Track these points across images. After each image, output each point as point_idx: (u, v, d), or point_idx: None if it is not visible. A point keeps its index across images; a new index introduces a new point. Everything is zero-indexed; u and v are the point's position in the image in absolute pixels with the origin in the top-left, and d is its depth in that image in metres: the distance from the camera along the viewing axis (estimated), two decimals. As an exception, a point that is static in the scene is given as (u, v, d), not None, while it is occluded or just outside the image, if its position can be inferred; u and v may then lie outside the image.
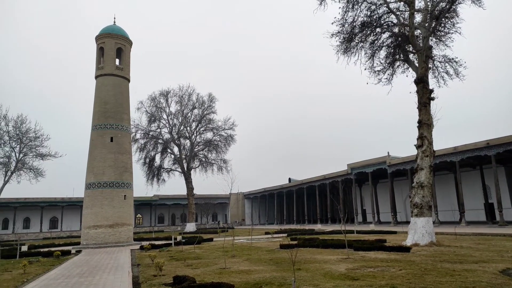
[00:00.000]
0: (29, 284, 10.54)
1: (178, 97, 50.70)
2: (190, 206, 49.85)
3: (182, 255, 17.07)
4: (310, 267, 11.36)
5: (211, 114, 51.89)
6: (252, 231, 29.33)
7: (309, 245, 18.17)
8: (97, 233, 26.24)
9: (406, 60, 20.65)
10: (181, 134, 50.74)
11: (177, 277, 9.46)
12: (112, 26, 30.69)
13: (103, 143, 27.82)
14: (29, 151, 40.82)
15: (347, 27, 20.41)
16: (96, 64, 30.03)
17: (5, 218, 52.42)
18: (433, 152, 18.48)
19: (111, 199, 26.95)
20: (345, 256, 13.61)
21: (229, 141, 52.18)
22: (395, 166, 38.45)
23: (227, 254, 15.70)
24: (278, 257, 14.28)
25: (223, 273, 11.04)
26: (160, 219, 65.45)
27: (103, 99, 28.79)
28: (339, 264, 11.71)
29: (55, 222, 57.08)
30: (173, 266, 13.21)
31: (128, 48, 30.83)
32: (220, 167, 51.46)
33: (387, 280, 8.78)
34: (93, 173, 27.32)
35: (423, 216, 17.16)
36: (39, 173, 41.75)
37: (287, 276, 9.67)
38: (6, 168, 39.57)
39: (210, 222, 65.17)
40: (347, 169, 45.19)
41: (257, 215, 68.89)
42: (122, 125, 28.87)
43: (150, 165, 50.29)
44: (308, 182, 53.11)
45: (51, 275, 12.38)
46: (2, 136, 39.23)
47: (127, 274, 11.68)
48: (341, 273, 9.98)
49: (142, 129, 49.69)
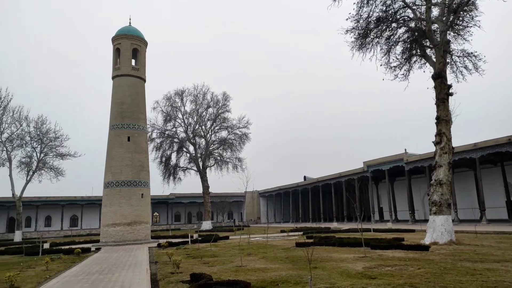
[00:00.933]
0: (51, 281, 10.84)
1: (193, 96, 51.21)
2: (206, 205, 50.25)
3: (198, 253, 17.24)
4: (327, 265, 11.30)
5: (226, 113, 52.22)
6: (267, 229, 29.39)
7: (325, 244, 18.07)
8: (116, 231, 26.75)
9: (423, 55, 20.24)
10: (196, 133, 51.18)
11: (194, 275, 9.57)
12: (128, 27, 31.14)
13: (121, 143, 28.31)
14: (50, 151, 41.82)
15: (362, 22, 20.14)
16: (113, 65, 30.54)
17: (27, 216, 54.01)
18: (452, 149, 18.09)
19: (129, 198, 27.42)
20: (362, 254, 13.49)
21: (244, 139, 52.42)
22: (412, 163, 37.80)
23: (243, 252, 15.77)
24: (294, 255, 14.26)
25: (239, 271, 11.10)
26: (176, 217, 66.24)
27: (120, 99, 29.28)
28: (356, 263, 11.61)
29: (75, 220, 58.51)
30: (190, 263, 13.36)
31: (143, 48, 31.24)
32: (235, 165, 51.78)
33: (406, 279, 8.66)
34: (111, 172, 27.85)
35: (442, 214, 16.83)
36: (59, 173, 42.76)
37: (303, 275, 9.65)
38: (28, 168, 40.68)
39: (225, 220, 65.54)
40: (363, 167, 44.69)
41: (273, 213, 68.88)
42: (138, 125, 29.30)
43: (166, 164, 50.96)
44: (323, 180, 52.75)
45: (72, 272, 12.71)
46: (24, 136, 40.34)
47: (145, 271, 11.89)
48: (358, 272, 9.90)
49: (158, 128, 50.41)
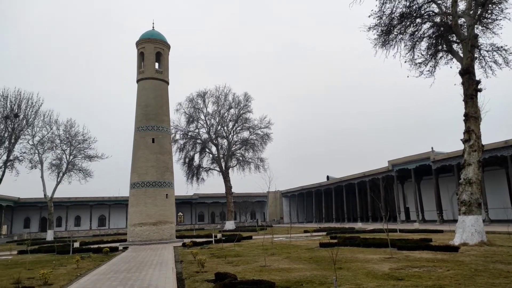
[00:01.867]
0: (82, 278, 11.22)
1: (214, 97, 51.70)
2: (229, 205, 50.61)
3: (222, 252, 17.40)
4: (352, 266, 11.17)
5: (247, 113, 52.42)
6: (290, 229, 29.28)
7: (350, 244, 17.84)
8: (142, 230, 27.37)
9: (450, 51, 19.63)
10: (218, 133, 51.64)
11: (218, 274, 9.68)
12: (151, 31, 31.81)
13: (146, 144, 28.96)
14: (78, 153, 43.33)
15: (385, 19, 19.74)
16: (137, 69, 31.27)
17: (58, 216, 56.10)
18: (481, 147, 17.45)
19: (154, 198, 28.00)
20: (388, 255, 13.23)
21: (266, 139, 52.48)
22: (440, 162, 36.71)
23: (267, 252, 15.80)
24: (318, 256, 14.16)
25: (263, 270, 11.14)
26: (200, 217, 67.07)
27: (144, 102, 29.95)
28: (382, 264, 11.41)
29: (103, 220, 60.31)
30: (214, 263, 13.51)
31: (166, 51, 31.82)
32: (257, 165, 51.90)
33: (434, 280, 8.45)
34: (137, 173, 28.53)
35: (472, 214, 16.27)
36: (88, 174, 44.24)
37: (328, 275, 9.58)
38: (58, 170, 42.30)
39: (248, 220, 65.79)
40: (387, 166, 43.79)
41: (295, 213, 68.60)
42: (162, 127, 29.88)
43: (190, 165, 51.70)
44: (347, 180, 52.05)
45: (101, 270, 13.11)
46: (54, 139, 41.98)
47: (171, 270, 12.12)
48: (385, 273, 9.73)
49: (181, 129, 51.22)
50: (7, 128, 38.66)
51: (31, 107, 39.89)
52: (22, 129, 39.53)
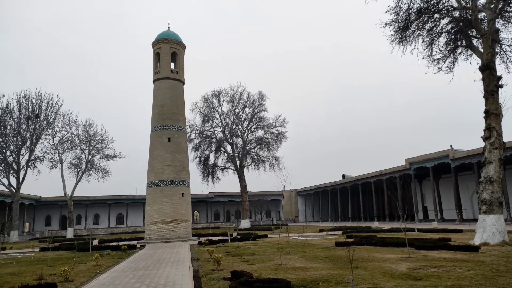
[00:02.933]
0: (101, 275, 11.46)
1: (229, 96, 51.88)
2: (244, 203, 50.77)
3: (238, 250, 17.48)
4: (368, 265, 11.06)
5: (262, 112, 52.41)
6: (306, 228, 29.18)
7: (366, 243, 17.64)
8: (159, 228, 27.76)
9: (469, 46, 19.14)
10: (233, 132, 51.83)
11: (235, 272, 9.73)
12: (167, 32, 32.15)
13: (162, 144, 29.32)
14: (97, 153, 44.24)
15: (402, 15, 19.39)
16: (153, 69, 31.67)
17: (78, 214, 57.43)
18: (502, 144, 16.98)
19: (171, 197, 28.34)
20: (406, 255, 13.03)
21: (280, 138, 52.41)
22: (459, 160, 35.88)
23: (282, 250, 15.78)
24: (334, 255, 14.07)
25: (279, 269, 11.14)
26: (215, 216, 67.53)
27: (160, 101, 30.32)
28: (399, 263, 11.25)
29: (121, 218, 61.42)
30: (230, 261, 13.58)
31: (181, 51, 32.11)
32: (272, 164, 51.89)
33: (454, 281, 8.28)
34: (154, 172, 28.93)
35: (493, 213, 15.86)
36: (106, 173, 45.13)
37: (345, 274, 9.51)
38: (77, 169, 43.30)
39: (263, 219, 65.85)
40: (405, 164, 43.08)
41: (311, 212, 68.25)
42: (178, 126, 30.19)
43: (205, 164, 52.10)
44: (363, 178, 51.47)
45: (120, 267, 13.35)
46: (73, 139, 42.99)
47: (187, 268, 12.25)
48: (402, 273, 9.59)
49: (197, 129, 51.63)
50: (28, 128, 39.81)
51: (51, 108, 41.00)
52: (42, 130, 40.64)
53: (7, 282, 10.59)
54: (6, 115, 38.77)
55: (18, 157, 39.31)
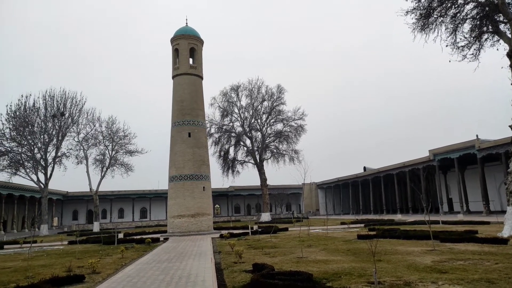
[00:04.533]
0: (127, 268, 11.79)
1: (248, 90, 51.85)
2: (264, 197, 50.91)
3: (259, 243, 17.58)
4: (392, 258, 10.91)
5: (281, 105, 52.15)
6: (327, 221, 29.02)
7: (389, 236, 17.39)
8: (181, 222, 28.24)
9: (496, 32, 18.35)
10: (252, 126, 51.88)
11: (256, 265, 9.80)
12: (185, 28, 32.34)
13: (182, 139, 29.69)
14: (120, 149, 45.28)
15: (424, 2, 18.77)
16: (172, 65, 31.97)
17: (103, 209, 59.14)
18: (533, 133, 16.30)
19: (192, 191, 28.74)
20: (430, 247, 12.78)
21: (300, 131, 52.07)
22: (486, 150, 34.70)
23: (303, 243, 15.77)
24: (356, 248, 13.95)
25: (300, 262, 11.15)
26: (236, 209, 68.09)
27: (180, 97, 30.64)
28: (423, 256, 11.05)
29: (144, 212, 62.86)
30: (251, 254, 13.69)
31: (200, 47, 32.25)
32: (291, 157, 51.70)
33: (481, 274, 8.06)
34: (175, 167, 29.37)
35: (523, 205, 15.29)
36: (129, 168, 46.20)
37: (367, 267, 9.42)
38: (102, 165, 44.49)
39: (284, 212, 65.90)
40: (428, 156, 42.05)
41: (331, 205, 67.77)
42: (198, 121, 30.47)
43: (225, 158, 52.46)
44: (385, 171, 50.62)
45: (144, 260, 13.69)
46: (97, 136, 44.14)
47: (209, 260, 12.43)
48: (427, 266, 9.41)
49: (216, 123, 51.95)
50: (54, 126, 41.11)
51: (75, 106, 42.18)
52: (68, 127, 41.90)
53: (39, 273, 11.05)
54: (33, 114, 40.15)
55: (46, 154, 40.72)
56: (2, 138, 38.62)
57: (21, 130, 38.97)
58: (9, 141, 39.08)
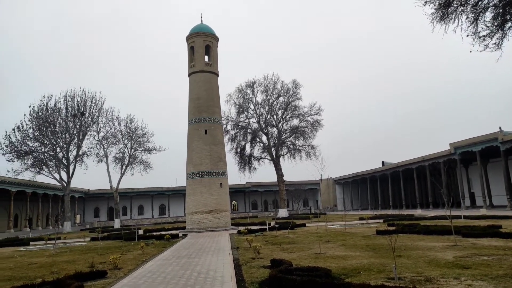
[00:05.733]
0: (147, 263, 12.01)
1: (263, 86, 51.76)
2: (281, 193, 50.88)
3: (277, 239, 17.59)
4: (412, 254, 10.74)
5: (296, 101, 51.86)
6: (345, 216, 28.77)
7: (409, 231, 17.12)
8: (199, 218, 28.55)
9: (520, 19, 17.68)
10: (268, 122, 51.82)
11: (274, 260, 9.82)
12: (200, 25, 32.49)
13: (199, 136, 29.93)
14: (138, 147, 46.09)
15: (442, -9, 18.25)
16: (188, 63, 32.20)
17: (124, 206, 60.41)
18: (560, 124, 15.67)
19: (209, 187, 28.99)
20: (452, 243, 12.51)
21: (316, 126, 51.67)
22: (509, 142, 33.64)
23: (321, 239, 15.70)
24: (375, 243, 13.79)
25: (319, 257, 11.10)
26: (253, 205, 68.33)
27: (196, 94, 30.87)
28: (445, 252, 10.83)
29: (163, 209, 63.85)
30: (269, 250, 13.72)
31: (215, 44, 32.35)
32: (308, 153, 51.41)
33: (506, 270, 7.84)
34: (192, 164, 29.67)
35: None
36: (148, 166, 46.99)
37: (387, 263, 9.30)
38: (121, 163, 45.39)
39: (301, 208, 65.73)
40: (449, 149, 41.09)
41: (349, 200, 67.16)
42: (214, 118, 30.65)
43: (241, 154, 52.65)
44: (404, 165, 49.77)
45: (164, 255, 13.91)
46: (116, 134, 45.02)
47: (228, 256, 12.53)
48: (448, 261, 9.22)
49: (232, 120, 52.13)
50: (75, 125, 42.12)
51: (95, 105, 43.07)
52: (88, 126, 42.85)
53: (63, 269, 11.39)
54: (55, 114, 41.23)
55: (67, 152, 41.81)
56: (26, 138, 39.86)
57: (43, 130, 40.09)
58: (33, 141, 40.30)
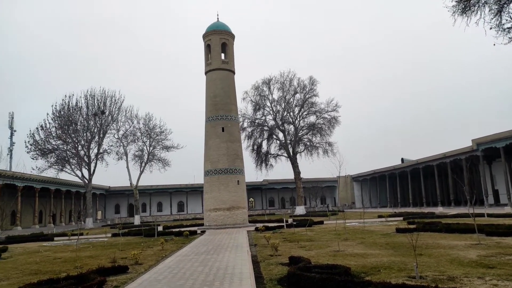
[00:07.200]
0: (167, 259, 12.21)
1: (279, 83, 51.54)
2: (298, 190, 50.69)
3: (294, 237, 17.57)
4: (433, 252, 10.54)
5: (313, 97, 51.42)
6: (363, 214, 28.46)
7: (430, 230, 16.80)
8: (217, 215, 28.78)
9: (547, 10, 16.99)
10: (284, 119, 51.64)
11: (292, 258, 9.82)
12: (216, 23, 32.60)
13: (216, 133, 30.13)
14: (157, 144, 46.79)
15: (464, -18, 17.72)
16: (205, 61, 32.38)
17: (143, 202, 61.50)
18: None
19: (227, 185, 29.17)
20: (475, 241, 12.20)
21: (333, 123, 51.14)
22: (536, 138, 32.49)
23: (340, 237, 15.58)
24: (395, 241, 13.60)
25: (337, 255, 11.03)
26: (270, 203, 68.37)
27: (213, 92, 31.05)
28: (468, 250, 10.58)
29: (181, 206, 64.68)
30: (287, 247, 13.72)
31: (231, 42, 32.42)
32: (325, 150, 50.95)
33: (533, 270, 7.60)
34: (210, 161, 29.91)
35: None
36: (166, 163, 47.68)
37: (407, 261, 9.17)
38: (140, 160, 46.20)
39: (318, 206, 65.34)
40: (471, 145, 39.99)
41: (368, 198, 66.32)
42: (231, 116, 30.77)
43: (258, 152, 52.68)
44: (424, 162, 48.74)
45: (183, 252, 14.11)
46: (135, 132, 45.82)
47: (246, 253, 12.59)
48: (472, 260, 9.01)
49: (248, 117, 52.15)
50: (96, 124, 43.10)
51: (114, 104, 43.94)
52: (108, 125, 43.77)
53: (86, 264, 11.72)
54: (76, 113, 42.29)
55: (89, 151, 42.86)
56: (49, 137, 41.06)
57: (65, 129, 41.20)
58: (55, 139, 41.48)
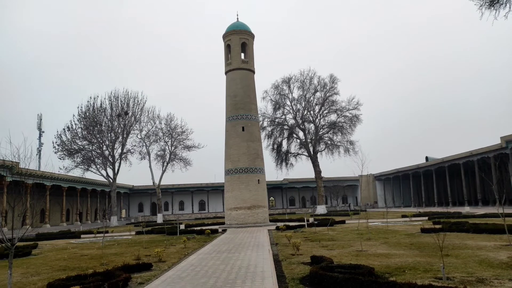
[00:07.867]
0: (190, 257, 12.38)
1: (299, 82, 51.23)
2: (319, 189, 50.27)
3: (316, 236, 17.44)
4: (461, 253, 10.23)
5: (334, 96, 50.83)
6: (387, 214, 27.93)
7: (457, 230, 16.33)
8: (238, 214, 28.93)
9: None
10: (305, 118, 51.30)
11: (314, 257, 9.76)
12: (236, 23, 32.75)
13: (236, 133, 30.28)
14: (178, 144, 47.49)
15: (492, -26, 17.07)
16: (225, 61, 32.58)
17: (165, 201, 62.59)
18: None
19: (247, 184, 29.27)
20: (506, 242, 11.76)
21: (354, 121, 50.38)
22: None
23: (362, 237, 15.35)
24: (420, 242, 13.28)
25: (360, 255, 10.88)
26: (291, 202, 68.13)
27: (233, 92, 31.21)
28: (498, 252, 10.20)
29: (203, 205, 65.40)
30: (308, 246, 13.64)
31: (251, 41, 32.48)
32: (346, 149, 50.30)
33: None
34: (230, 160, 30.09)
35: None
36: (187, 163, 48.35)
37: (433, 262, 8.93)
38: (163, 160, 47.02)
39: (340, 205, 64.62)
40: (500, 143, 38.51)
41: (391, 197, 64.97)
42: (251, 115, 30.84)
43: (278, 151, 52.56)
44: (449, 160, 47.34)
45: (205, 250, 14.27)
46: (158, 132, 46.65)
47: (267, 251, 12.60)
48: (502, 262, 8.68)
49: (268, 117, 52.10)
50: (119, 124, 44.13)
51: (137, 105, 44.86)
52: (131, 125, 44.74)
53: (111, 261, 12.03)
54: (101, 114, 43.43)
55: (113, 150, 43.93)
56: (75, 137, 42.37)
57: (91, 130, 42.40)
58: (81, 140, 42.76)
